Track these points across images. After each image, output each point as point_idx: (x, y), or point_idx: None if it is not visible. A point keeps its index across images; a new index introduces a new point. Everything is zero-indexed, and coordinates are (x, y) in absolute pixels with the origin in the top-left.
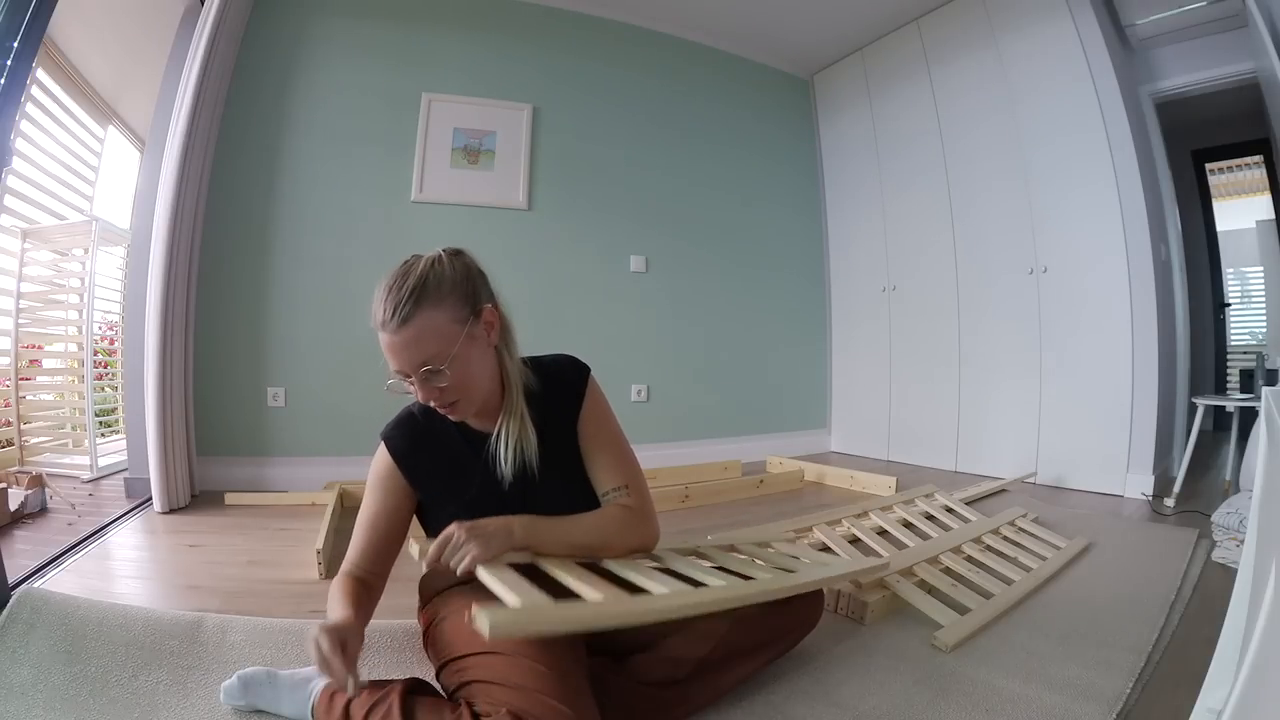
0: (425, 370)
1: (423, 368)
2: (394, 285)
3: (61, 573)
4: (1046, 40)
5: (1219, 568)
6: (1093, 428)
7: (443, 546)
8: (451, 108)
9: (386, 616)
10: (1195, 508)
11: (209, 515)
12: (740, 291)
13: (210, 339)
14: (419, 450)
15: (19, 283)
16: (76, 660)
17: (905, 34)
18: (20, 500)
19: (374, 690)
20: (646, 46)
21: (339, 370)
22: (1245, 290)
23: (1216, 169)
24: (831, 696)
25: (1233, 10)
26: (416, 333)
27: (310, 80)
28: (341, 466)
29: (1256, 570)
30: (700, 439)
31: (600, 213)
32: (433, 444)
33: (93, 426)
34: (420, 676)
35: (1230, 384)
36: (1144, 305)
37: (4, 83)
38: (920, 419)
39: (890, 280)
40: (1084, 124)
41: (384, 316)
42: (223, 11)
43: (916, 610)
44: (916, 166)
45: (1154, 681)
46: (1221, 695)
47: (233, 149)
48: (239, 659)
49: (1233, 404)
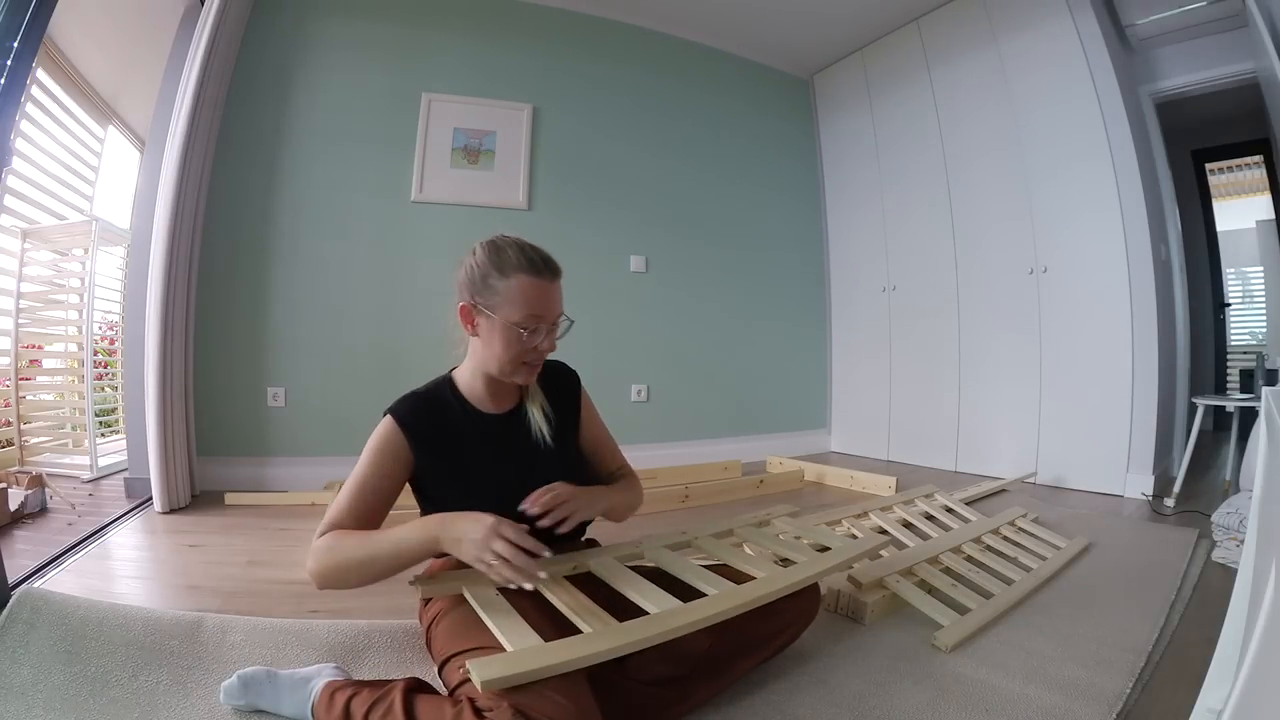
0: (561, 317)
1: (560, 315)
2: (528, 245)
3: (61, 573)
4: (1046, 40)
5: (1219, 568)
6: (1093, 428)
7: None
8: (451, 108)
9: (386, 616)
10: (1195, 508)
11: (209, 515)
12: (740, 291)
13: (210, 339)
14: (429, 424)
15: (19, 283)
16: (76, 660)
17: (905, 34)
18: (20, 500)
19: (375, 689)
20: (646, 46)
21: (339, 370)
22: (1245, 290)
23: (1216, 169)
24: (831, 696)
25: (1233, 10)
26: (560, 286)
27: (310, 80)
28: (341, 466)
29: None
30: (700, 439)
31: (600, 213)
32: (441, 419)
33: (93, 426)
34: (420, 676)
35: (1230, 384)
36: (1144, 305)
37: (4, 83)
38: (920, 419)
39: (890, 280)
40: (1084, 124)
41: (542, 264)
42: (223, 11)
43: (916, 610)
44: (916, 166)
45: (1154, 681)
46: (1221, 695)
47: (233, 149)
48: (239, 659)
49: (1233, 404)
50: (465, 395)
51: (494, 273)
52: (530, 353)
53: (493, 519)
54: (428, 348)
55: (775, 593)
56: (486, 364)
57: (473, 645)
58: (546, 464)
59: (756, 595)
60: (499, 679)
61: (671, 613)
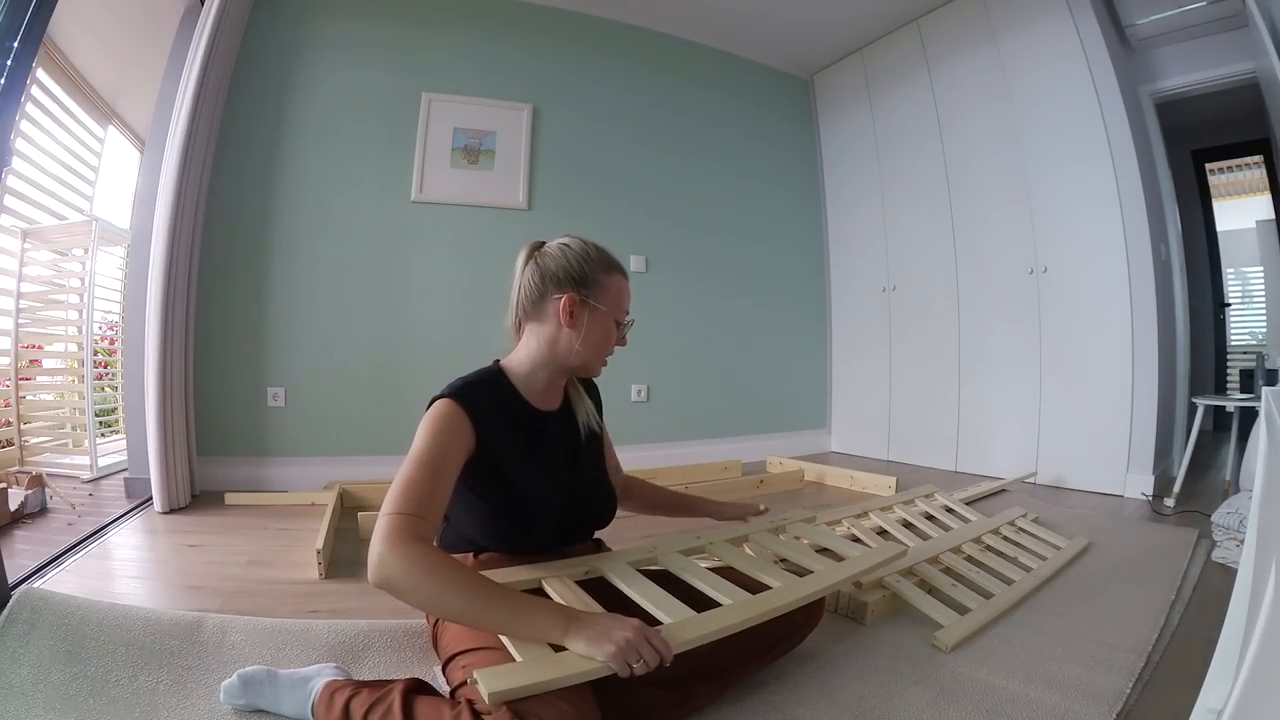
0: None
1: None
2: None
3: (61, 573)
4: (1046, 40)
5: (1219, 568)
6: (1093, 428)
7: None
8: (451, 108)
9: (386, 616)
10: (1195, 508)
11: (209, 515)
12: (740, 291)
13: (210, 339)
14: (493, 411)
15: (19, 283)
16: (76, 660)
17: (905, 34)
18: (20, 500)
19: (374, 689)
20: (646, 46)
21: (339, 370)
22: (1246, 290)
23: (1216, 169)
24: (832, 696)
25: (1233, 10)
26: None
27: (310, 80)
28: (341, 466)
29: (1256, 570)
30: (700, 439)
31: (600, 213)
32: (503, 409)
33: (93, 426)
34: (420, 676)
35: (1230, 384)
36: (1144, 305)
37: (4, 83)
38: (920, 419)
39: (890, 280)
40: (1084, 123)
41: (624, 268)
42: (223, 11)
43: (916, 610)
44: (916, 166)
45: (1154, 681)
46: (1221, 695)
47: (233, 149)
48: (239, 659)
49: (1233, 404)
50: (520, 389)
51: (599, 268)
52: (614, 346)
53: (639, 623)
54: (427, 348)
55: (791, 603)
56: (572, 356)
57: (480, 645)
58: (587, 463)
59: (772, 606)
60: (506, 691)
61: (686, 623)
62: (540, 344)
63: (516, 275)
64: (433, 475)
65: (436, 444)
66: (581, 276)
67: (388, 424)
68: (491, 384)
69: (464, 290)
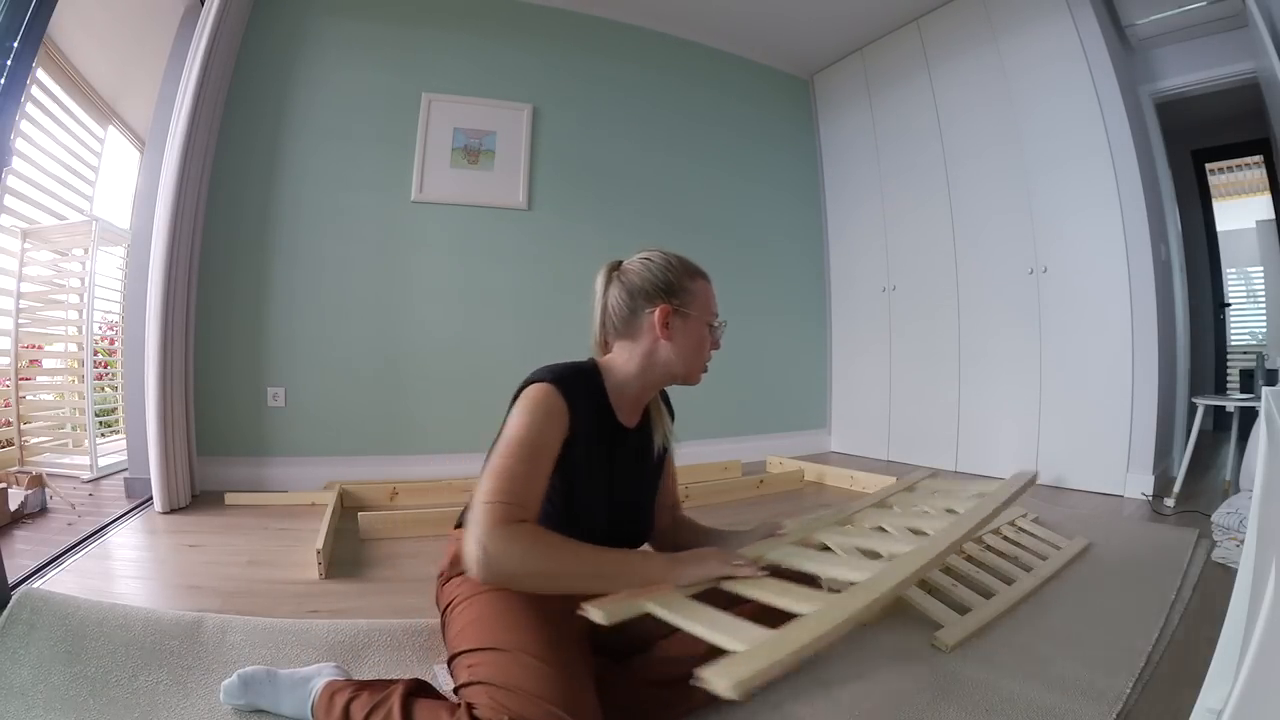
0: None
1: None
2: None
3: (61, 573)
4: (1046, 40)
5: (1219, 568)
6: (1093, 428)
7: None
8: (451, 108)
9: (387, 616)
10: (1195, 508)
11: (209, 515)
12: (740, 291)
13: (210, 339)
14: (587, 407)
15: (19, 283)
16: (76, 660)
17: (905, 34)
18: (20, 500)
19: (375, 691)
20: (646, 46)
21: (339, 370)
22: (1246, 290)
23: (1216, 169)
24: (832, 696)
25: (1233, 10)
26: None
27: (310, 80)
28: (341, 466)
29: (1256, 570)
30: (700, 439)
31: (600, 212)
32: (594, 409)
33: (93, 426)
34: (421, 676)
35: (1230, 384)
36: (1144, 305)
37: (4, 83)
38: (920, 419)
39: (890, 280)
40: (1084, 123)
41: (706, 272)
42: (223, 11)
43: (916, 610)
44: (916, 166)
45: (1154, 681)
46: (1221, 695)
47: (233, 149)
48: (239, 659)
49: (1233, 404)
50: (610, 394)
51: (684, 275)
52: (710, 351)
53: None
54: (427, 347)
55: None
56: (674, 366)
57: (489, 645)
58: (647, 486)
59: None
60: (747, 679)
61: (883, 576)
62: (638, 358)
63: (598, 297)
64: (532, 461)
65: (536, 429)
66: (670, 286)
67: (388, 424)
68: (589, 381)
69: (464, 290)
